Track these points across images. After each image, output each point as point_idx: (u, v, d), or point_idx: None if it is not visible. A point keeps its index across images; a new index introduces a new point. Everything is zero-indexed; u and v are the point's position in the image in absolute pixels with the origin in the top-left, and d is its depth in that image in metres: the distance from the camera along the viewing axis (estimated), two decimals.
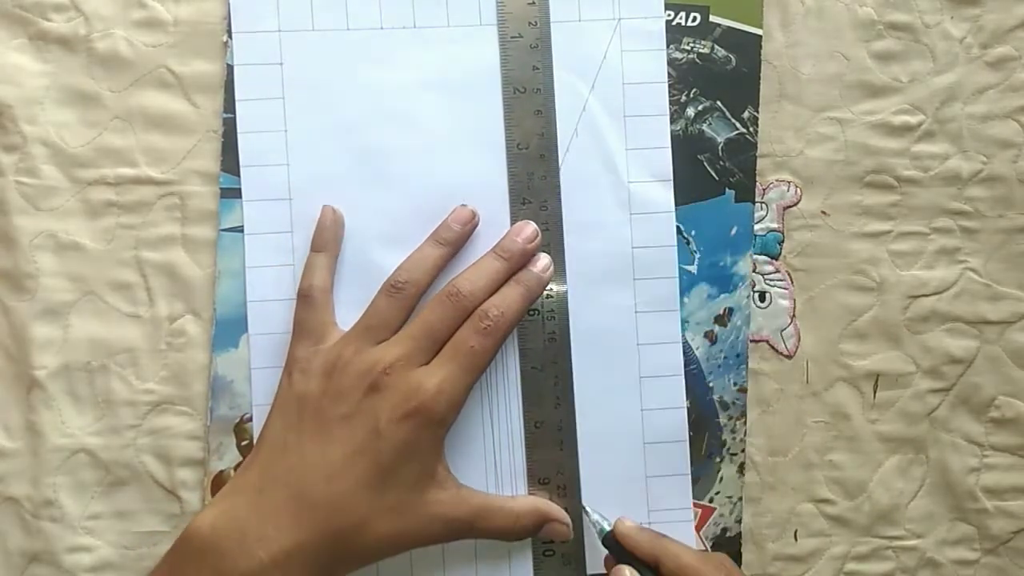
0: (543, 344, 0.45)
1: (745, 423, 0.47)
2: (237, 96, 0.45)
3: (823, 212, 0.48)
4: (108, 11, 0.45)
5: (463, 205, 0.45)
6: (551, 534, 0.44)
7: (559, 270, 0.45)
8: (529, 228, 0.45)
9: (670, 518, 0.45)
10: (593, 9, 0.46)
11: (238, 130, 0.45)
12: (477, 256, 0.44)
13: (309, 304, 0.43)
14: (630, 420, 0.46)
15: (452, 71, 0.46)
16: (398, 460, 0.40)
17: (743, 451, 0.46)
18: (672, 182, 0.46)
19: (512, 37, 0.46)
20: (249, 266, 0.45)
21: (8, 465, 0.44)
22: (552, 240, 0.45)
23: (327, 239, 0.44)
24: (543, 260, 0.44)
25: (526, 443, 0.45)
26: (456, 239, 0.44)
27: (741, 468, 0.46)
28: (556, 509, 0.44)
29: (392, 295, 0.43)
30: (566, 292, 0.45)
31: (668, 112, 0.46)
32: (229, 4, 0.45)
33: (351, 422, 0.40)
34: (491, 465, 0.45)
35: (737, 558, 0.46)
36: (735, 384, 0.46)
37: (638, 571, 0.41)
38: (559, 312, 0.45)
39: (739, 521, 0.46)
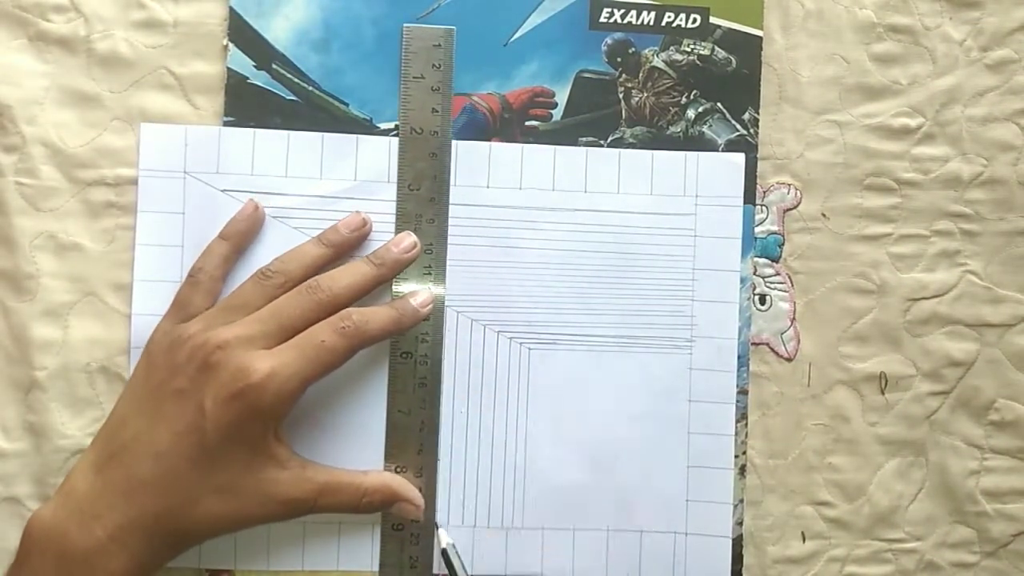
0: (412, 388, 0.45)
1: (746, 425, 0.47)
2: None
3: (823, 215, 0.48)
4: (108, 12, 0.45)
5: (356, 212, 0.45)
6: (401, 513, 0.44)
7: (438, 317, 0.45)
8: (408, 239, 0.45)
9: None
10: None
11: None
12: None
13: (192, 286, 0.43)
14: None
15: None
16: (224, 442, 0.39)
17: (744, 453, 0.46)
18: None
19: (415, 77, 0.46)
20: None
21: (8, 466, 0.44)
22: (435, 283, 0.45)
23: (233, 230, 0.44)
24: (423, 295, 0.44)
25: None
26: (341, 243, 0.44)
27: (742, 471, 0.46)
28: (408, 488, 0.44)
29: (258, 281, 0.42)
30: (442, 338, 0.45)
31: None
32: (230, 6, 0.45)
33: (181, 399, 0.40)
34: None
35: (738, 560, 0.46)
36: (736, 386, 0.46)
37: None
38: (432, 357, 0.45)
39: (740, 523, 0.46)
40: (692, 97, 0.47)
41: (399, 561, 0.44)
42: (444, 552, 0.44)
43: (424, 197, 0.45)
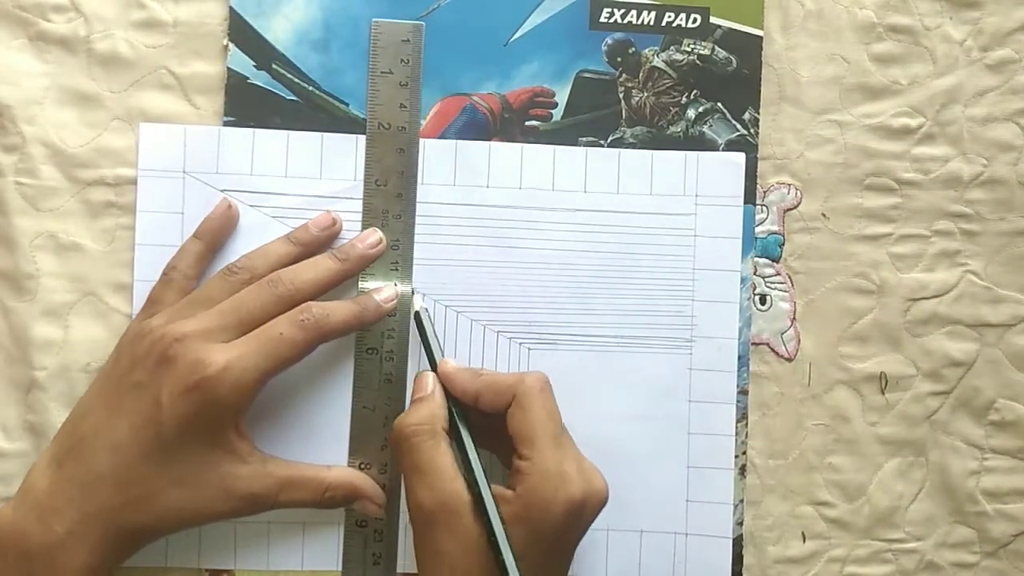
0: (378, 384, 0.45)
1: (746, 425, 0.47)
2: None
3: (823, 215, 0.48)
4: (108, 12, 0.45)
5: (326, 211, 0.45)
6: (363, 510, 0.44)
7: (404, 313, 0.45)
8: (374, 235, 0.44)
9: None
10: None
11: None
12: None
13: (165, 284, 0.43)
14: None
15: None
16: (181, 436, 0.39)
17: (744, 454, 0.46)
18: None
19: (383, 72, 0.46)
20: None
21: (8, 465, 0.44)
22: (401, 280, 0.45)
23: (207, 229, 0.44)
24: (387, 291, 0.44)
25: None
26: (311, 242, 0.44)
27: (742, 471, 0.46)
28: (371, 486, 0.43)
29: (224, 277, 0.42)
30: (408, 335, 0.45)
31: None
32: (230, 6, 0.45)
33: (139, 392, 0.39)
34: None
35: (738, 560, 0.46)
36: (736, 386, 0.46)
37: (456, 413, 0.41)
38: (398, 354, 0.45)
39: (740, 523, 0.46)
40: (692, 97, 0.47)
41: (362, 558, 0.44)
42: (416, 315, 0.44)
43: (391, 193, 0.45)
